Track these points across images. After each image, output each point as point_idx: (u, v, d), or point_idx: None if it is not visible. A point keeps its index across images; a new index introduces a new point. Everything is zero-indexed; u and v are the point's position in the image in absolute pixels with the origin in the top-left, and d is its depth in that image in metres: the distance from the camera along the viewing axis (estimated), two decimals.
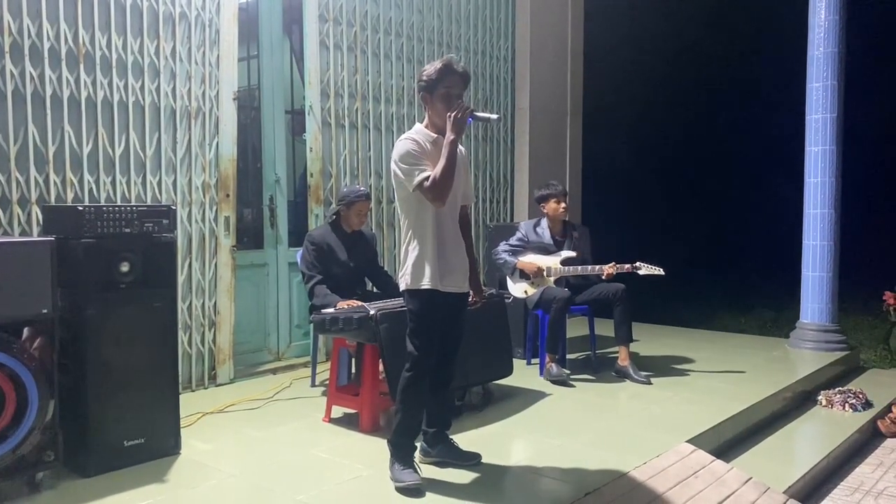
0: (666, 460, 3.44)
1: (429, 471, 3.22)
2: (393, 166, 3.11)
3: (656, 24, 11.64)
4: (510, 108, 7.15)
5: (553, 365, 4.80)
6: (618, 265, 4.73)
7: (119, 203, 4.13)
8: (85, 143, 4.04)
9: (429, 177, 2.99)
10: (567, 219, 5.21)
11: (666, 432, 3.79)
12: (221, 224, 4.67)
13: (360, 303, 3.95)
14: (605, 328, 5.30)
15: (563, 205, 5.07)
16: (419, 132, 3.16)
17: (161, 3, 4.32)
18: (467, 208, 3.33)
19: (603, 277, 4.78)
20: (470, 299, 3.32)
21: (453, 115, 3.03)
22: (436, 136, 3.13)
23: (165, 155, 4.39)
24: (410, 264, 3.10)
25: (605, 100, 9.67)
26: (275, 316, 5.33)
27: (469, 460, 3.31)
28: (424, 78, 3.12)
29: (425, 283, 3.06)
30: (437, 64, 3.11)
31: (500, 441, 3.72)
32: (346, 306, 3.97)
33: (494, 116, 3.28)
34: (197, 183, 4.55)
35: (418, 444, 3.32)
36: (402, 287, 3.16)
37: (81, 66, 4.00)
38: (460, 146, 3.13)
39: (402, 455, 3.14)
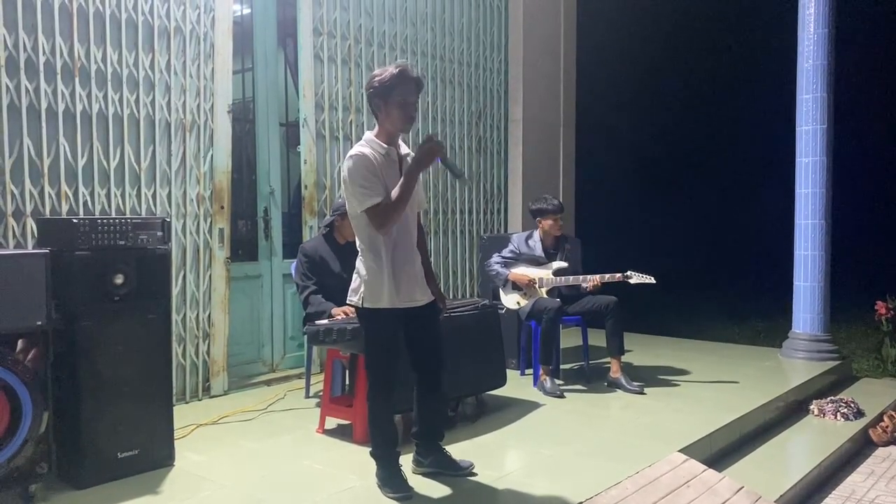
0: (658, 470, 3.45)
1: (422, 481, 3.23)
2: (343, 183, 3.00)
3: (648, 36, 11.74)
4: (504, 120, 7.20)
5: (546, 378, 4.81)
6: (608, 276, 4.75)
7: (114, 215, 4.15)
8: (80, 156, 4.06)
9: (378, 204, 2.87)
10: (560, 232, 5.24)
11: (658, 442, 3.81)
12: (216, 236, 4.69)
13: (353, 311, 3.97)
14: (598, 338, 5.31)
15: (559, 223, 5.11)
16: (370, 142, 3.02)
17: (156, 17, 4.36)
18: (419, 215, 3.22)
19: (588, 289, 4.80)
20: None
21: (426, 146, 2.91)
22: (387, 147, 3.02)
23: (160, 167, 4.41)
24: (366, 282, 2.99)
25: (597, 110, 9.73)
26: (269, 327, 5.33)
27: (462, 470, 3.31)
28: (377, 83, 2.95)
29: (384, 303, 2.97)
30: (392, 69, 2.95)
31: (493, 451, 3.73)
32: (341, 313, 4.00)
33: (463, 175, 3.09)
34: (191, 195, 4.57)
35: (412, 454, 3.34)
36: (355, 303, 3.04)
37: (77, 80, 4.03)
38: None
39: (385, 464, 3.14)
